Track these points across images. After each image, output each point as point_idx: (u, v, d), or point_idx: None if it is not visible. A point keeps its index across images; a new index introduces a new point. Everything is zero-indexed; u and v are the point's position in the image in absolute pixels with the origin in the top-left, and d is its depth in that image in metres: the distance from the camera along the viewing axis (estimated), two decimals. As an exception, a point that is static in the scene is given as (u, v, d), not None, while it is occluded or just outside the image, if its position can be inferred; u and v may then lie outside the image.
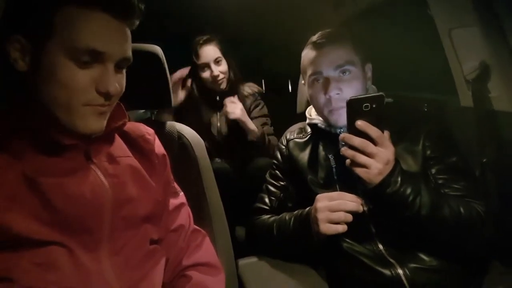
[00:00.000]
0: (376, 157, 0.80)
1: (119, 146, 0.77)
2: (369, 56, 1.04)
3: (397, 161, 0.84)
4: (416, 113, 1.04)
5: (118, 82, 0.65)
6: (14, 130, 0.62)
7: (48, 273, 0.59)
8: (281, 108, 1.95)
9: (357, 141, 0.80)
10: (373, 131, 0.80)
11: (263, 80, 2.49)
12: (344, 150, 0.83)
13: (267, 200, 1.13)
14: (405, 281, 0.86)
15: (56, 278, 0.59)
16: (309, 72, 1.01)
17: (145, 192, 0.75)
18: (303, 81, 1.12)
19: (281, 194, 1.12)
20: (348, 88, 0.95)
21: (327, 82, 0.97)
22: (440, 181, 0.93)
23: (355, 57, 0.99)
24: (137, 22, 0.68)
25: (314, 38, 1.02)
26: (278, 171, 1.15)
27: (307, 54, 1.03)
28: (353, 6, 1.51)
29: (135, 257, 0.71)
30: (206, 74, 1.78)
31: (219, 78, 1.76)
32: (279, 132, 1.29)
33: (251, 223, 1.12)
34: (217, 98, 1.83)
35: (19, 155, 0.61)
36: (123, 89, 0.69)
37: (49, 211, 0.60)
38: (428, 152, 0.95)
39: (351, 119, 0.81)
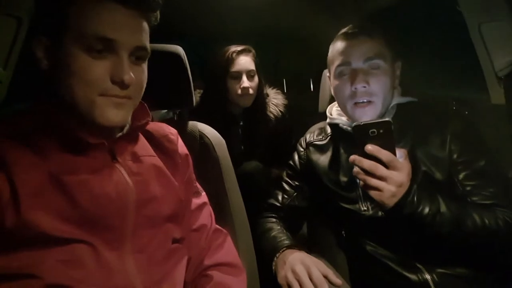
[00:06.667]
0: (388, 180, 0.77)
1: (143, 145, 0.77)
2: (399, 54, 0.99)
3: (412, 182, 0.79)
4: (442, 112, 0.98)
5: (134, 74, 0.65)
6: (40, 128, 0.64)
7: (73, 270, 0.60)
8: (303, 107, 1.93)
9: (366, 164, 0.77)
10: (383, 155, 0.76)
11: (284, 79, 2.48)
12: (357, 172, 0.80)
13: (280, 197, 1.13)
14: (433, 287, 0.83)
15: (80, 275, 0.61)
16: (336, 62, 0.97)
17: (168, 191, 0.76)
18: (328, 74, 1.08)
19: (295, 194, 1.12)
20: (376, 83, 0.92)
21: (354, 74, 0.93)
22: (467, 188, 0.88)
23: (387, 52, 0.95)
24: (154, 14, 0.69)
25: (345, 29, 0.99)
26: (294, 172, 1.15)
27: (336, 44, 0.99)
28: (375, 1, 1.48)
29: (158, 255, 0.71)
30: (235, 84, 1.61)
31: (249, 92, 1.61)
32: (300, 131, 1.27)
33: (259, 219, 1.13)
34: (241, 123, 1.74)
35: (45, 153, 0.62)
36: (143, 84, 0.70)
37: (73, 209, 0.61)
38: (455, 156, 0.90)
39: (360, 143, 0.78)
